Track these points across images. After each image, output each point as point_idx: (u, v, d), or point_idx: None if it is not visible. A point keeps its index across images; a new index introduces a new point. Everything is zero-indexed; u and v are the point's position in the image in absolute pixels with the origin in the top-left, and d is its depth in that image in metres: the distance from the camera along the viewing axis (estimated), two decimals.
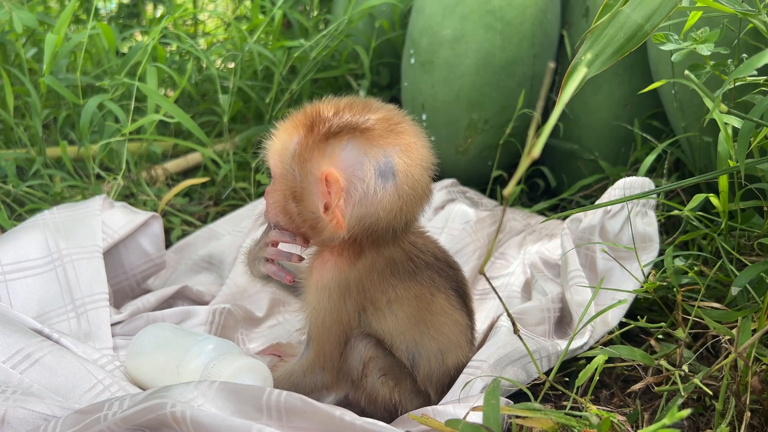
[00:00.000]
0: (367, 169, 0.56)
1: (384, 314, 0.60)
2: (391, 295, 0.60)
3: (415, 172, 0.57)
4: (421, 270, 0.61)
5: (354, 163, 0.56)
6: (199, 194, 1.21)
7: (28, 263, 0.72)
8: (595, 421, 0.50)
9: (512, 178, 0.35)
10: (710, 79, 0.71)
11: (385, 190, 0.56)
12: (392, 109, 0.60)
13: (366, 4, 1.20)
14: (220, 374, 0.59)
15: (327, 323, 0.61)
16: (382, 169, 0.56)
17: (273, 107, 1.21)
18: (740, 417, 0.56)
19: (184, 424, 0.47)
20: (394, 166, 0.57)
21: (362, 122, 0.57)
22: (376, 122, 0.58)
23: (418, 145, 0.59)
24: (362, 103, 0.59)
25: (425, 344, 0.61)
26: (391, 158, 0.56)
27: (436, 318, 0.62)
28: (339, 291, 0.60)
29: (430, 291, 0.62)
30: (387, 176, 0.56)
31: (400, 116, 0.60)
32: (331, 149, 0.56)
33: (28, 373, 0.59)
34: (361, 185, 0.56)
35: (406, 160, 0.57)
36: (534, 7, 1.08)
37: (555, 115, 0.34)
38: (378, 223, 0.57)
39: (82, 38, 1.03)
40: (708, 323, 0.62)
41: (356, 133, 0.56)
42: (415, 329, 0.61)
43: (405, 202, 0.57)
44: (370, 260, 0.60)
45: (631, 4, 0.56)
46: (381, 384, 0.60)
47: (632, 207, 0.83)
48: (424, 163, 0.59)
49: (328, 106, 0.59)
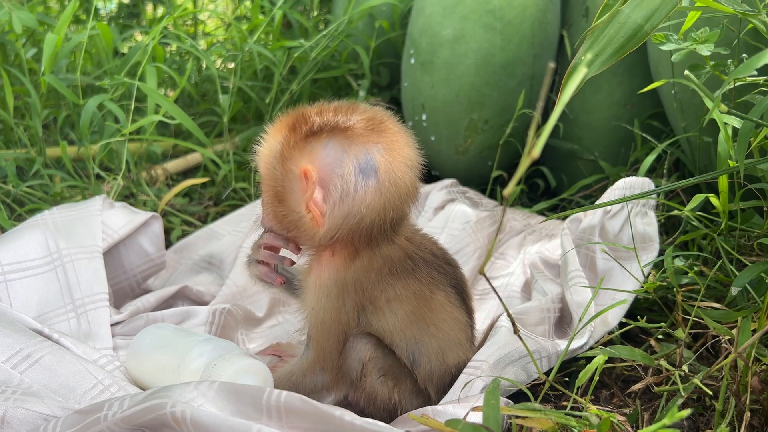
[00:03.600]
0: (347, 166, 0.56)
1: (383, 313, 0.61)
2: (390, 293, 0.60)
3: (398, 169, 0.57)
4: (419, 267, 0.61)
5: (333, 161, 0.56)
6: (199, 194, 1.21)
7: (28, 263, 0.72)
8: (595, 421, 0.50)
9: (512, 178, 0.35)
10: (710, 79, 0.71)
11: (367, 187, 0.56)
12: (379, 111, 0.60)
13: (366, 4, 1.20)
14: (221, 375, 0.59)
15: (326, 323, 0.61)
16: (362, 167, 0.56)
17: (273, 107, 1.21)
18: (740, 417, 0.56)
19: (184, 424, 0.47)
20: (376, 163, 0.56)
21: (343, 121, 0.57)
22: (359, 122, 0.58)
23: (401, 144, 0.58)
24: (350, 105, 0.60)
25: (425, 341, 0.61)
26: (372, 156, 0.56)
27: (436, 315, 0.62)
28: (337, 291, 0.60)
29: (429, 288, 0.62)
30: (368, 174, 0.56)
31: (385, 116, 0.60)
32: (311, 147, 0.57)
33: (28, 373, 0.59)
34: (342, 183, 0.56)
35: (388, 158, 0.57)
36: (534, 7, 1.08)
37: (555, 115, 0.34)
38: (363, 221, 0.57)
39: (82, 38, 1.03)
40: (708, 323, 0.62)
41: (336, 132, 0.57)
42: (414, 326, 0.61)
43: (388, 200, 0.57)
44: (367, 260, 0.60)
45: (630, 4, 0.56)
46: (380, 384, 0.60)
47: (632, 207, 0.83)
48: (408, 161, 0.59)
49: (314, 107, 0.59)
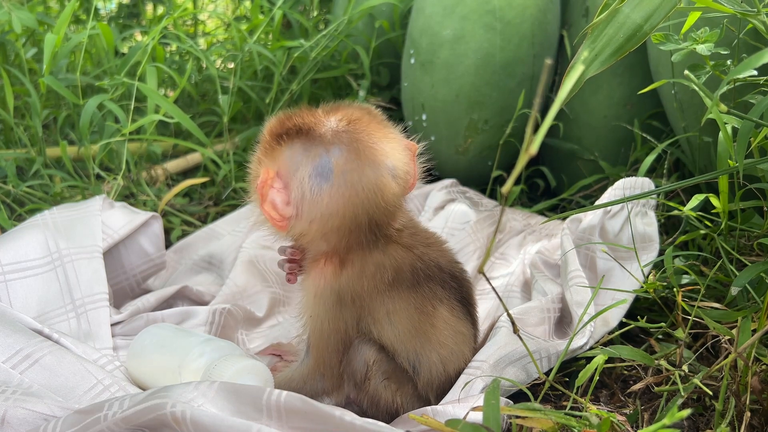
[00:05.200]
0: (304, 169, 0.56)
1: (383, 325, 0.60)
2: (390, 306, 0.60)
3: (358, 171, 0.56)
4: (421, 282, 0.60)
5: (293, 164, 0.56)
6: (199, 194, 1.21)
7: (28, 263, 0.72)
8: (595, 421, 0.50)
9: (510, 176, 0.35)
10: (710, 79, 0.71)
11: (321, 190, 0.56)
12: (363, 110, 0.59)
13: (366, 4, 1.20)
14: (222, 375, 0.59)
15: (325, 331, 0.60)
16: (319, 170, 0.56)
17: (273, 107, 1.21)
18: (740, 417, 0.56)
19: (185, 425, 0.47)
20: (332, 165, 0.56)
21: (312, 123, 0.57)
22: (332, 123, 0.57)
23: (372, 144, 0.57)
24: (333, 107, 0.59)
25: (426, 354, 0.61)
26: (330, 158, 0.56)
27: (439, 331, 0.61)
28: (333, 299, 0.59)
29: (431, 303, 0.61)
30: (325, 176, 0.56)
31: (365, 116, 0.58)
32: (278, 151, 0.57)
33: (28, 373, 0.59)
34: (299, 185, 0.56)
35: (349, 159, 0.56)
36: (534, 7, 1.08)
37: (553, 111, 0.34)
38: (328, 225, 0.57)
39: (81, 38, 1.03)
40: (708, 323, 0.62)
41: (301, 134, 0.57)
42: (416, 340, 0.60)
43: (349, 202, 0.56)
44: (358, 267, 0.59)
45: (630, 4, 0.56)
46: (384, 387, 0.60)
47: (632, 207, 0.83)
48: (375, 163, 0.56)
49: (299, 110, 0.59)
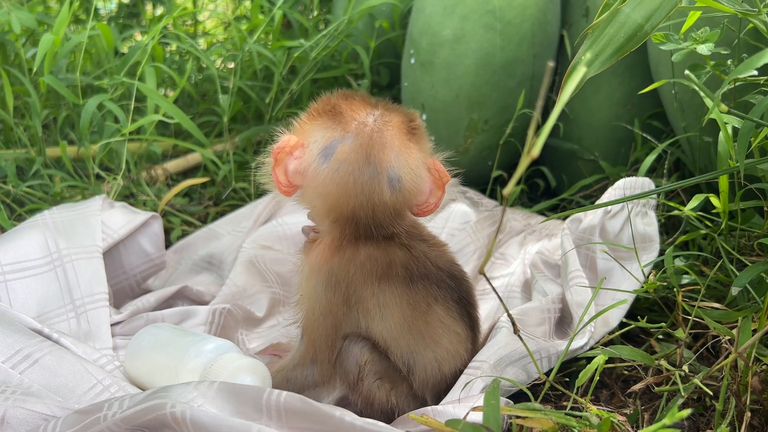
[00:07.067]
0: (316, 145, 0.58)
1: (373, 316, 0.60)
2: (381, 299, 0.60)
3: (360, 168, 0.57)
4: (416, 279, 0.60)
5: (312, 138, 0.59)
6: (199, 194, 1.21)
7: (27, 263, 0.72)
8: (595, 421, 0.50)
9: (512, 178, 0.35)
10: (710, 79, 0.71)
11: (320, 168, 0.58)
12: (399, 112, 0.61)
13: (366, 4, 1.20)
14: (219, 374, 0.59)
15: (316, 312, 0.61)
16: (325, 150, 0.57)
17: (273, 107, 1.21)
18: (740, 417, 0.56)
19: (184, 425, 0.47)
20: (336, 151, 0.57)
21: (349, 109, 0.59)
22: (364, 115, 0.58)
23: (384, 148, 0.57)
24: (388, 105, 0.61)
25: (420, 352, 0.61)
26: (339, 144, 0.57)
27: (433, 329, 0.61)
28: (323, 280, 0.60)
29: (426, 301, 0.61)
30: (327, 157, 0.57)
31: (400, 123, 0.59)
32: (308, 124, 0.60)
33: (27, 373, 0.59)
34: (308, 159, 0.58)
35: (355, 151, 0.57)
36: (534, 7, 1.08)
37: (554, 114, 0.34)
38: (326, 203, 0.59)
39: (81, 38, 1.03)
40: (708, 323, 0.62)
41: (333, 116, 0.58)
42: (409, 336, 0.60)
43: (341, 191, 0.57)
44: (349, 254, 0.60)
45: (630, 4, 0.56)
46: (377, 388, 0.60)
47: (632, 207, 0.82)
48: (380, 168, 0.57)
49: (349, 93, 0.61)
